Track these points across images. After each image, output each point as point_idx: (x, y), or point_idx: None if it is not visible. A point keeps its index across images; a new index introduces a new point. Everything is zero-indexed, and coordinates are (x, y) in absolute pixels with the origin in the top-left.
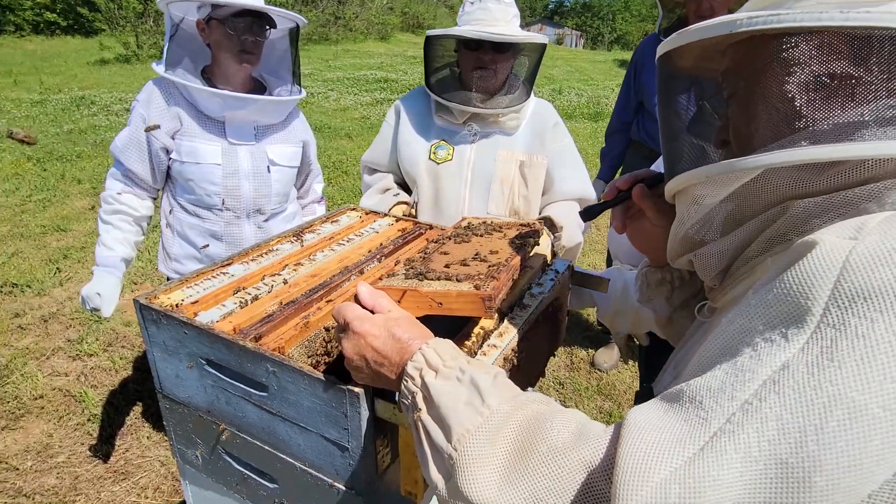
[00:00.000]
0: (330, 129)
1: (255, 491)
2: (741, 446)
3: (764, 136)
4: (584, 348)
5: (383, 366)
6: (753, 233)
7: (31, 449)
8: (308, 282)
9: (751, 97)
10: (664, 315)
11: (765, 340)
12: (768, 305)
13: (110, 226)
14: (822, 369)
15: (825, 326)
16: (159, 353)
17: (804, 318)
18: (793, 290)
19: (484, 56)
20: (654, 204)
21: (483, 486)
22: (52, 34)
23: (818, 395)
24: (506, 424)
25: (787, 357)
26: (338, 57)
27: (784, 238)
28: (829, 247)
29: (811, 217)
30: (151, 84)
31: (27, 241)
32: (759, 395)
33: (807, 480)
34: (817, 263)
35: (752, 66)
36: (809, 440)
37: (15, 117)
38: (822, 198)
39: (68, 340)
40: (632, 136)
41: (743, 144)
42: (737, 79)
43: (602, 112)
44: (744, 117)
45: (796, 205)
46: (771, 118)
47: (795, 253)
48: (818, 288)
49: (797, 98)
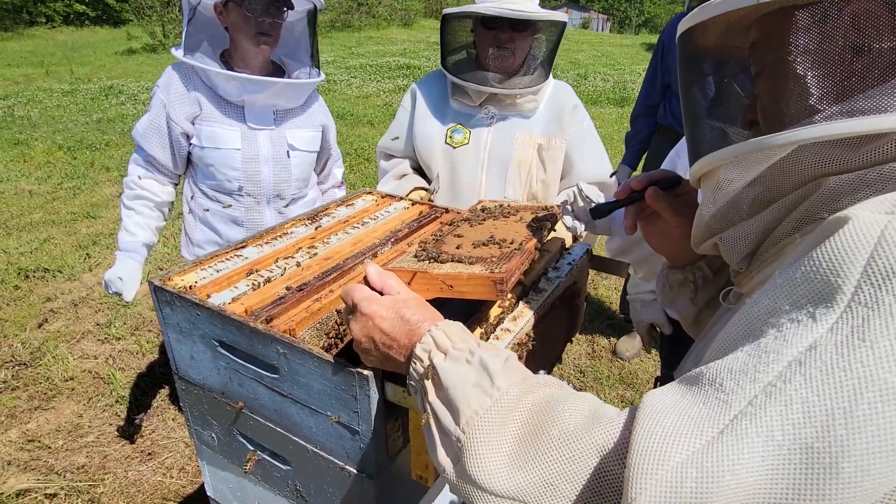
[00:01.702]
0: (352, 116)
1: (269, 473)
2: (763, 429)
3: (795, 113)
4: (606, 337)
5: (392, 348)
6: (783, 213)
7: (63, 429)
8: (321, 265)
9: (780, 72)
10: (690, 316)
11: (791, 321)
12: (795, 284)
13: (132, 211)
14: (853, 349)
15: (857, 305)
16: (174, 335)
17: (834, 296)
18: (822, 267)
19: (501, 35)
20: (669, 205)
21: (492, 470)
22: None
23: (848, 376)
24: (516, 407)
25: (814, 337)
26: (360, 44)
27: (816, 217)
28: (864, 222)
29: (845, 194)
30: (171, 69)
31: (58, 228)
32: (783, 377)
33: (834, 466)
34: (849, 239)
35: (781, 38)
36: (838, 424)
37: (47, 107)
38: (857, 173)
39: (97, 324)
40: (658, 120)
41: (772, 123)
42: (765, 53)
43: (628, 97)
44: (772, 95)
45: (829, 182)
46: (802, 93)
47: (826, 229)
48: (850, 264)
49: (830, 70)
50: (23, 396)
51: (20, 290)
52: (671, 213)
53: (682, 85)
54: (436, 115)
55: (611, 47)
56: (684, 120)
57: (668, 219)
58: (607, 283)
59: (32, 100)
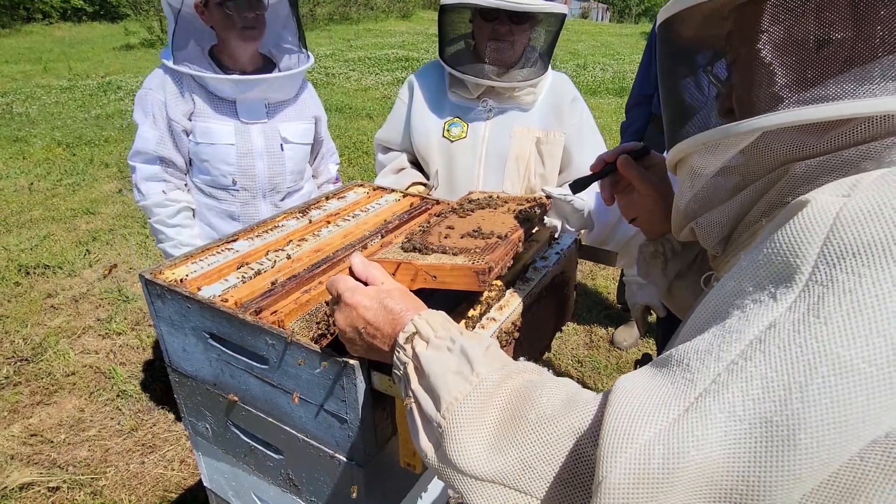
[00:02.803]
0: (351, 109)
1: (262, 462)
2: (725, 406)
3: (765, 101)
4: (604, 327)
5: (376, 337)
6: (753, 198)
7: (65, 423)
8: (311, 257)
9: (752, 61)
10: (663, 287)
11: (753, 301)
12: (758, 266)
13: (180, 227)
14: (808, 326)
15: (813, 284)
16: (166, 328)
17: (793, 276)
18: (782, 249)
19: (500, 27)
20: (639, 174)
21: (472, 453)
22: (79, 21)
23: (803, 352)
24: (495, 393)
25: (774, 316)
26: (359, 36)
27: (782, 201)
28: (821, 204)
29: (810, 179)
30: (160, 70)
31: (58, 224)
32: (744, 355)
33: (791, 438)
34: (807, 221)
35: (752, 28)
36: (794, 398)
37: (45, 104)
38: (821, 159)
39: (98, 320)
40: (653, 110)
41: (744, 111)
42: (739, 43)
43: (628, 87)
44: (746, 83)
45: (795, 167)
46: (771, 81)
47: (787, 213)
48: (807, 245)
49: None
50: (25, 391)
51: (21, 287)
52: (641, 181)
53: (661, 74)
54: (433, 109)
55: (610, 37)
56: (662, 109)
57: (638, 187)
58: (605, 273)
59: (31, 96)
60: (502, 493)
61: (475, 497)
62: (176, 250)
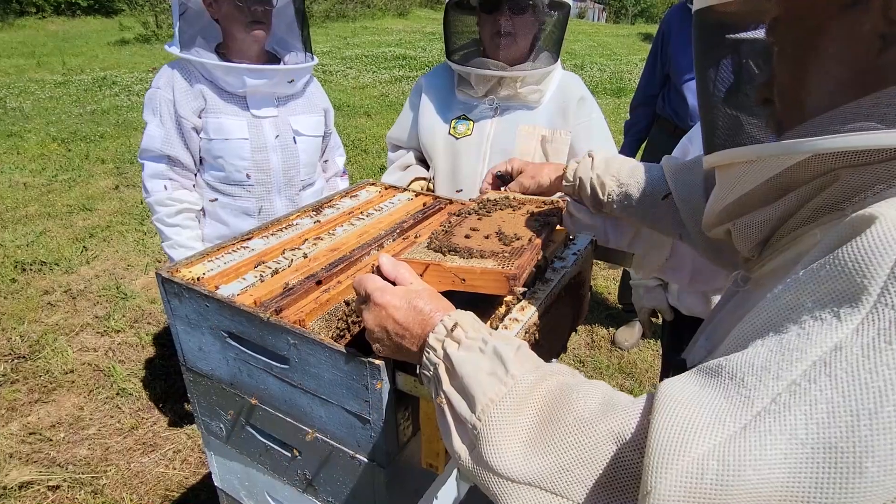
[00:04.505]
0: (349, 107)
1: (277, 462)
2: (787, 428)
3: (818, 102)
4: (605, 327)
5: (405, 338)
6: (798, 203)
7: (64, 421)
8: (328, 256)
9: (804, 53)
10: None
11: (814, 319)
12: (820, 281)
13: (179, 227)
14: (879, 352)
15: (883, 307)
16: (182, 327)
17: (859, 296)
18: (848, 266)
19: (501, 19)
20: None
21: (508, 456)
22: (73, 15)
23: (873, 378)
24: (531, 394)
25: (839, 338)
26: (356, 34)
27: (834, 208)
28: (892, 221)
29: (864, 186)
30: (168, 67)
31: (54, 220)
32: (808, 377)
33: (858, 465)
34: (877, 239)
35: (809, 17)
36: (863, 424)
37: (39, 98)
38: (878, 166)
39: (96, 317)
40: (657, 111)
41: (790, 108)
42: (788, 30)
43: (625, 87)
44: (793, 78)
45: (847, 173)
46: (828, 82)
47: (851, 227)
48: (877, 265)
49: (857, 62)
50: (23, 389)
51: (17, 284)
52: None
53: (698, 67)
54: (441, 107)
55: (607, 37)
56: (699, 104)
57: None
58: (606, 273)
59: (24, 91)
60: (539, 495)
61: (510, 500)
62: (173, 251)
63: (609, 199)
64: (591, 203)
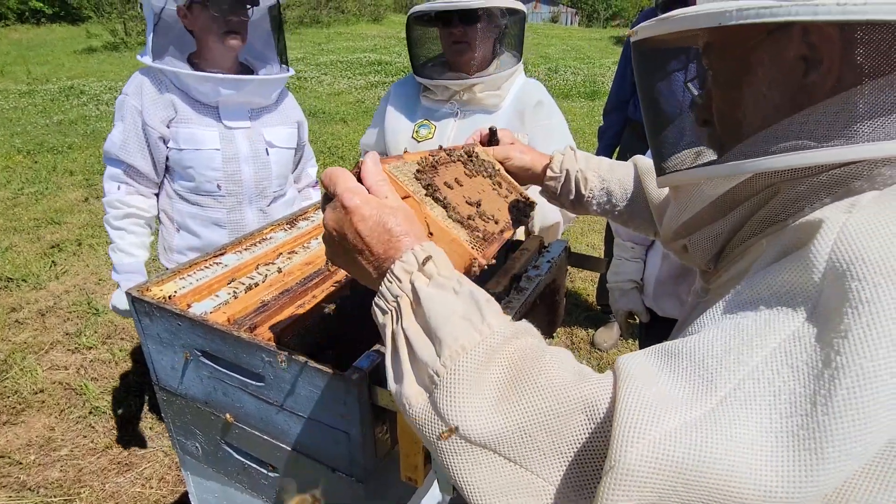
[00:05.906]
0: (324, 113)
1: (256, 480)
2: (752, 416)
3: (755, 122)
4: (584, 328)
5: (362, 253)
6: (745, 216)
7: (34, 443)
8: (302, 270)
9: (737, 77)
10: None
11: (769, 307)
12: (774, 275)
13: (123, 231)
14: (828, 339)
15: (828, 297)
16: (154, 346)
17: (808, 289)
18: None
19: (454, 29)
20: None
21: (468, 410)
22: (37, 23)
23: (826, 364)
24: (503, 348)
25: (795, 326)
26: (330, 40)
27: (776, 219)
28: (828, 222)
29: (802, 198)
30: (139, 74)
31: (21, 235)
32: (770, 365)
33: (819, 451)
34: (818, 238)
35: (737, 44)
36: (819, 410)
37: (3, 109)
38: (813, 179)
39: (66, 334)
40: (629, 115)
41: (728, 128)
42: (720, 57)
43: (599, 91)
44: (728, 100)
45: (786, 186)
46: (762, 102)
47: (795, 232)
48: (818, 260)
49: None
50: None
51: None
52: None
53: (641, 95)
54: (406, 112)
55: (580, 41)
56: (646, 129)
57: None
58: (584, 275)
59: None
60: (490, 459)
61: (457, 459)
62: (114, 254)
63: (590, 194)
64: (571, 198)
